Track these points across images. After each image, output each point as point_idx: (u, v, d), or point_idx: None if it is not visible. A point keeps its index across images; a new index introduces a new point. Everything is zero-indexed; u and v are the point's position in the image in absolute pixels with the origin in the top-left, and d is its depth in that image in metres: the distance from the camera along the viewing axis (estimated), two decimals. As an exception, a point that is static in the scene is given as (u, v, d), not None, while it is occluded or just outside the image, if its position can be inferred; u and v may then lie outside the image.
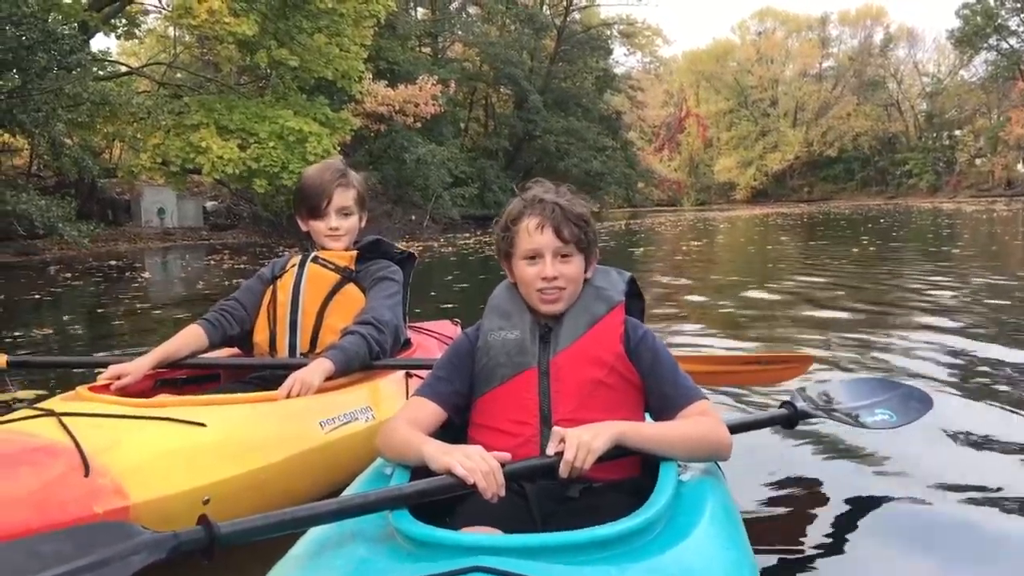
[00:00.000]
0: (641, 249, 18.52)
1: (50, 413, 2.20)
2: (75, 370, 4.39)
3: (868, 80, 78.85)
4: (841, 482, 2.77)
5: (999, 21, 62.30)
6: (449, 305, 7.65)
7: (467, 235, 25.98)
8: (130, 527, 1.41)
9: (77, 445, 2.01)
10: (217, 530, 1.40)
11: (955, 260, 12.09)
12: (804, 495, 2.70)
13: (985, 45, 64.86)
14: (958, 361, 4.61)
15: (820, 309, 7.17)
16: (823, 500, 2.64)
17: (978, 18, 62.52)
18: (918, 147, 73.19)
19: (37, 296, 10.72)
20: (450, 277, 12.21)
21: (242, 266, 14.92)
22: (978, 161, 67.05)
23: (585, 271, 2.01)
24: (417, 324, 3.76)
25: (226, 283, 11.55)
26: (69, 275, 13.93)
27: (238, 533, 1.43)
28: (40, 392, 4.05)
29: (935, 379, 4.14)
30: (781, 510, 2.59)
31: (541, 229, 1.93)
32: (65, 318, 8.47)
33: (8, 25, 14.04)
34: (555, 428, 1.74)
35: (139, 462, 2.08)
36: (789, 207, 57.18)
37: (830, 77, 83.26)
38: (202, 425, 2.26)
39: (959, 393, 3.87)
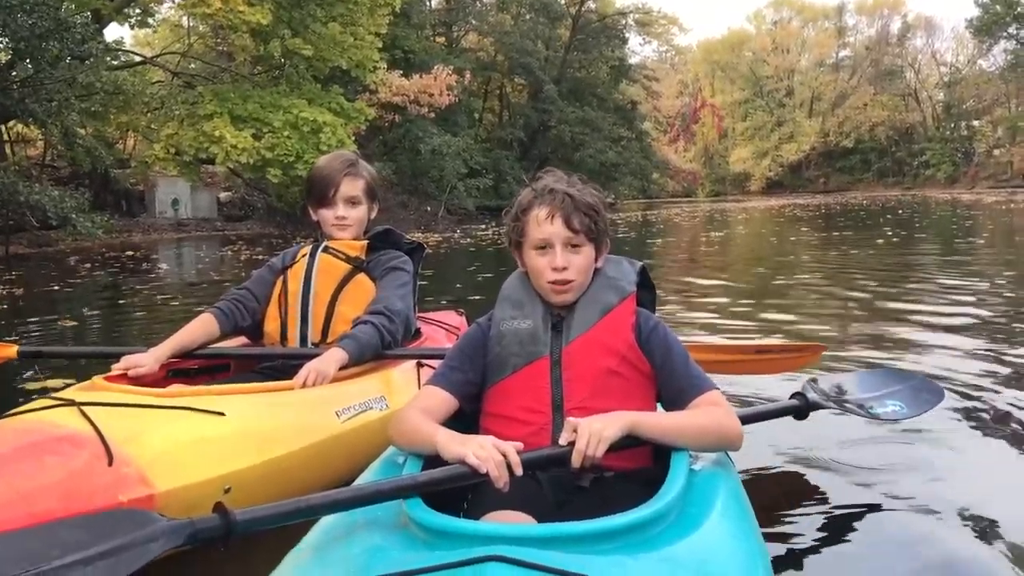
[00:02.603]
0: (660, 240, 18.45)
1: (71, 403, 2.21)
2: (90, 360, 4.41)
3: (885, 70, 78.00)
4: (852, 473, 2.77)
5: (1019, 9, 61.23)
6: (476, 297, 7.67)
7: (483, 226, 25.91)
8: (147, 514, 1.43)
9: (100, 434, 2.02)
10: (233, 517, 1.42)
11: (978, 252, 11.99)
12: (815, 486, 2.71)
13: (1004, 34, 63.92)
14: (973, 354, 4.57)
15: (843, 299, 7.21)
16: (834, 491, 2.64)
17: (998, 6, 61.59)
18: (936, 137, 72.36)
19: (56, 287, 10.77)
20: (472, 268, 12.28)
21: (258, 256, 14.94)
22: (996, 152, 66.24)
23: (595, 260, 2.01)
24: (423, 314, 3.79)
25: (242, 274, 11.57)
26: (89, 265, 14.02)
27: (254, 520, 1.45)
28: (69, 381, 4.08)
29: (947, 371, 4.12)
30: (792, 501, 2.60)
31: (551, 219, 1.94)
32: (85, 309, 8.53)
33: (20, 13, 13.96)
34: (568, 419, 1.75)
35: (161, 451, 2.10)
36: (805, 198, 56.67)
37: (847, 67, 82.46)
38: (221, 414, 2.28)
39: (971, 385, 3.85)
